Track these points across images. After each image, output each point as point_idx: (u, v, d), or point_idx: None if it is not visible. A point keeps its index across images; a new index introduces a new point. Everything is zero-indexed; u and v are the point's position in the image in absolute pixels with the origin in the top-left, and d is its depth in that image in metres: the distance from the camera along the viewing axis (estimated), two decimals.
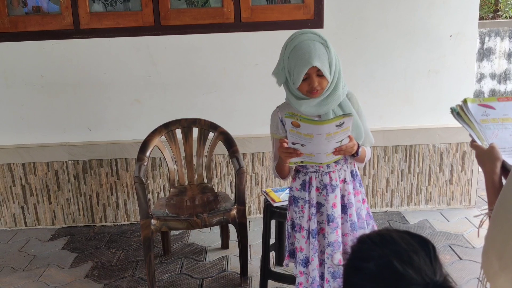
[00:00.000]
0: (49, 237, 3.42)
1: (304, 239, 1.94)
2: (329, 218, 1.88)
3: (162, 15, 3.24)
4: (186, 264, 2.97)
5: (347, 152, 1.78)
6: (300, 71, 1.72)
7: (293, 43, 1.77)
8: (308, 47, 1.72)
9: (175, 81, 3.37)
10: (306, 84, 1.76)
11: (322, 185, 1.89)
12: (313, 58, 1.71)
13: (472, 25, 3.38)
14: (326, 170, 1.88)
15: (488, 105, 1.39)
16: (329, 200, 1.88)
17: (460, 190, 3.62)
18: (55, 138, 3.44)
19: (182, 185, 3.05)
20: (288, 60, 1.77)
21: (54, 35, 3.26)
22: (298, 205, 1.95)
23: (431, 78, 3.44)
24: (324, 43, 1.75)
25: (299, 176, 1.95)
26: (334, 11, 3.29)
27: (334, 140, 1.70)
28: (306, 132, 1.65)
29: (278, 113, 1.93)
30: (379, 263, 0.82)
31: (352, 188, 1.93)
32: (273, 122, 1.95)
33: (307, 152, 1.73)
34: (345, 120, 1.65)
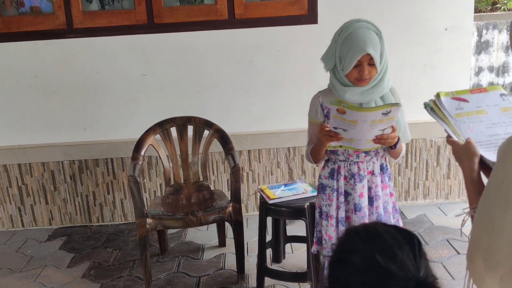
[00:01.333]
0: (46, 237, 3.41)
1: (333, 227, 1.98)
2: (356, 207, 1.93)
3: (155, 13, 3.22)
4: (183, 263, 2.97)
5: (387, 142, 1.79)
6: (353, 57, 1.75)
7: (348, 30, 1.79)
8: (363, 35, 1.75)
9: (170, 79, 3.35)
10: (356, 71, 1.79)
11: (350, 174, 1.94)
12: (368, 45, 1.73)
13: (467, 18, 3.36)
14: (355, 160, 1.92)
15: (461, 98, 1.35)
16: (357, 190, 1.92)
17: (458, 184, 3.61)
18: (50, 139, 3.43)
19: (178, 183, 3.04)
20: (341, 46, 1.80)
21: (47, 35, 3.24)
22: (326, 193, 2.00)
23: (427, 72, 3.42)
24: (378, 33, 1.78)
25: (328, 164, 2.00)
26: (329, 6, 3.27)
27: (377, 128, 1.72)
28: (351, 119, 1.68)
29: (319, 97, 1.95)
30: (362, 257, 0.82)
31: (380, 181, 1.96)
32: (313, 106, 1.98)
33: (348, 137, 1.76)
34: (392, 109, 1.66)
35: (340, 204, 1.96)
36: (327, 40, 3.27)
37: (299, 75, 3.37)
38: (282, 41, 3.32)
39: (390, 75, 1.90)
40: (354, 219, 1.94)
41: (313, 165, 2.09)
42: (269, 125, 3.46)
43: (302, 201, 2.45)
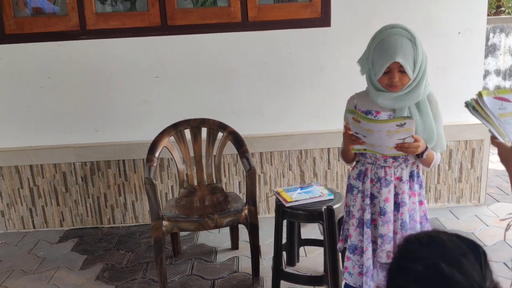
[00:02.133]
0: (57, 239, 3.41)
1: (354, 227, 2.01)
2: (381, 211, 1.93)
3: (168, 15, 3.22)
4: (197, 265, 2.96)
5: (409, 150, 1.78)
6: (382, 64, 1.75)
7: (381, 36, 1.79)
8: (395, 42, 1.74)
9: (183, 81, 3.35)
10: (387, 77, 1.79)
11: (376, 177, 1.94)
12: (397, 53, 1.72)
13: (480, 22, 3.36)
14: (383, 164, 1.92)
15: (504, 98, 1.32)
16: (382, 194, 1.92)
17: (470, 188, 3.60)
18: (62, 140, 3.42)
19: (191, 185, 3.03)
20: (373, 51, 1.81)
21: (60, 36, 3.24)
22: (353, 193, 2.02)
23: (440, 75, 3.41)
24: (412, 40, 1.76)
25: (357, 166, 2.02)
26: (342, 9, 3.27)
27: (396, 137, 1.72)
28: (366, 128, 1.71)
29: (354, 99, 1.98)
30: (426, 265, 0.80)
31: (408, 188, 1.93)
32: (347, 107, 1.99)
33: (370, 142, 1.79)
34: (406, 121, 1.66)
35: (366, 206, 1.96)
36: (340, 43, 3.31)
37: (312, 78, 3.37)
38: (295, 43, 3.32)
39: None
40: (379, 222, 1.95)
41: (346, 165, 2.11)
42: (281, 128, 3.46)
43: (319, 204, 2.44)
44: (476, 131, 3.48)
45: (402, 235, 1.95)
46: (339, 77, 3.35)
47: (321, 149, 3.45)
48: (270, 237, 3.20)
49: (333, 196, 2.51)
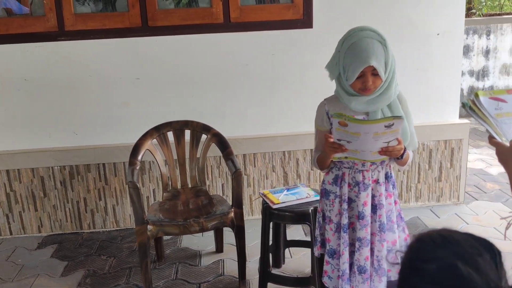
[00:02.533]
0: (36, 245, 3.31)
1: (332, 232, 1.98)
2: (360, 215, 1.91)
3: (149, 16, 3.17)
4: (181, 269, 2.92)
5: (393, 154, 1.76)
6: (355, 69, 1.72)
7: (351, 39, 1.75)
8: (366, 45, 1.72)
9: (164, 82, 3.31)
10: (360, 82, 1.76)
11: (354, 182, 1.91)
12: (370, 57, 1.70)
13: (458, 23, 3.42)
14: (360, 168, 1.89)
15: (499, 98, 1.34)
16: (361, 198, 1.90)
17: (449, 187, 3.66)
18: (40, 144, 3.34)
19: (175, 189, 2.99)
20: (344, 56, 1.77)
21: (38, 38, 3.16)
22: (329, 198, 1.98)
23: (420, 76, 3.47)
24: (382, 42, 1.74)
25: (333, 170, 1.97)
26: (324, 10, 3.28)
27: (381, 140, 1.70)
28: (353, 131, 1.65)
29: (325, 105, 1.93)
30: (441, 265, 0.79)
31: (385, 190, 1.93)
32: (319, 114, 1.96)
33: (352, 148, 1.74)
34: (394, 122, 1.63)
35: (343, 211, 1.93)
36: (322, 44, 3.32)
37: (295, 79, 3.38)
38: (278, 45, 3.31)
39: None
40: (357, 226, 1.93)
41: (320, 171, 2.06)
42: (264, 129, 3.45)
43: (306, 206, 2.44)
44: (455, 131, 3.55)
45: (381, 237, 1.93)
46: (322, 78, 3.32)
47: (304, 150, 3.45)
48: (255, 239, 3.19)
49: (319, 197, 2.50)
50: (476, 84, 6.43)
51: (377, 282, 1.98)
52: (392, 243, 1.98)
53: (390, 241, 1.98)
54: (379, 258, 1.96)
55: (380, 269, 1.97)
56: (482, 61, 6.38)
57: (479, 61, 6.37)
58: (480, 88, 6.44)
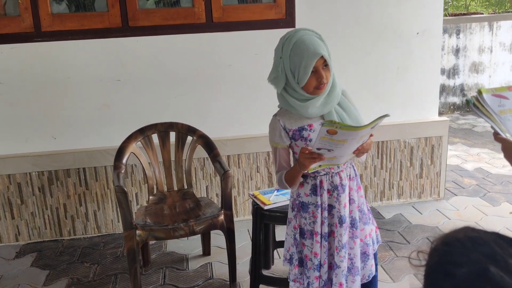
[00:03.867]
0: (14, 254, 3.19)
1: (319, 244, 1.86)
2: (342, 219, 1.83)
3: (130, 16, 3.10)
4: (169, 274, 2.86)
5: (365, 150, 1.74)
6: (308, 64, 1.65)
7: (291, 41, 1.69)
8: (310, 40, 1.68)
9: (146, 83, 3.24)
10: (314, 78, 1.69)
11: (333, 186, 1.84)
12: (318, 48, 1.66)
13: (437, 22, 3.48)
14: (337, 171, 1.83)
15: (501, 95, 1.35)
16: (341, 201, 1.83)
17: (430, 183, 3.72)
18: (17, 149, 3.21)
19: (161, 192, 2.93)
20: (289, 59, 1.69)
21: (12, 39, 3.04)
22: (308, 211, 1.87)
23: (400, 74, 3.51)
24: (320, 37, 1.72)
25: (308, 181, 1.86)
26: (306, 10, 3.28)
27: (361, 141, 1.68)
28: (341, 138, 1.58)
29: (279, 121, 1.81)
30: (473, 269, 0.78)
31: (355, 184, 1.90)
32: (275, 131, 1.83)
33: (331, 155, 1.67)
34: (379, 121, 1.60)
35: (324, 220, 1.85)
36: None
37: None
38: (261, 45, 3.29)
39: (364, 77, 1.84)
40: (340, 232, 1.84)
41: (288, 189, 1.96)
42: (248, 130, 3.42)
43: None
44: (435, 128, 3.61)
45: (353, 233, 1.87)
46: None
47: None
48: (242, 241, 3.17)
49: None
50: (447, 82, 6.57)
51: (351, 282, 1.89)
52: (369, 235, 1.94)
53: (367, 234, 1.92)
54: (351, 256, 1.89)
55: (353, 267, 1.89)
56: (452, 60, 6.53)
57: (449, 59, 6.52)
58: (451, 86, 6.59)
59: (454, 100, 6.67)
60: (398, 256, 2.94)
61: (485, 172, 4.33)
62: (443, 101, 6.60)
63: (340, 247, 1.84)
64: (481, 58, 6.57)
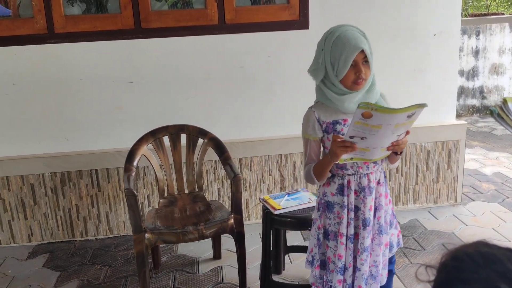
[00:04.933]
0: (26, 255, 3.20)
1: (343, 246, 1.85)
2: (366, 222, 1.83)
3: (142, 18, 3.09)
4: (179, 277, 2.84)
5: (400, 147, 1.69)
6: (348, 57, 1.68)
7: (334, 34, 1.73)
8: (352, 35, 1.70)
9: (158, 86, 3.23)
10: (353, 72, 1.71)
11: (361, 187, 1.83)
12: (359, 43, 1.68)
13: (455, 23, 3.40)
14: (365, 172, 1.82)
15: None
16: (367, 203, 1.82)
17: (447, 188, 3.64)
18: (30, 150, 3.23)
19: (171, 195, 2.91)
20: (330, 51, 1.72)
21: (26, 40, 3.05)
22: (334, 211, 1.86)
23: (417, 76, 3.44)
24: (363, 34, 1.74)
25: (335, 180, 1.86)
26: (320, 11, 3.23)
27: (396, 133, 1.63)
28: (375, 123, 1.55)
29: (315, 112, 1.82)
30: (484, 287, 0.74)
31: (384, 190, 1.88)
32: (309, 123, 1.84)
33: (364, 146, 1.65)
34: (416, 110, 1.56)
35: (350, 221, 1.84)
36: None
37: (291, 80, 3.32)
38: (273, 46, 3.26)
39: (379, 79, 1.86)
40: (363, 235, 1.84)
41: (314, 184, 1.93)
42: (260, 132, 3.38)
43: (308, 211, 2.39)
44: (452, 131, 3.52)
45: (379, 240, 1.87)
46: None
47: (301, 153, 3.40)
48: (253, 245, 3.13)
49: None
50: (466, 84, 6.44)
51: None
52: (385, 245, 1.93)
53: (383, 244, 1.91)
54: (377, 264, 1.88)
55: (377, 275, 1.89)
56: (472, 61, 6.40)
57: (469, 61, 6.39)
58: (470, 88, 6.46)
59: (473, 102, 6.53)
60: (413, 263, 2.87)
61: (504, 176, 4.22)
62: (462, 103, 6.48)
63: (362, 250, 1.84)
64: (502, 60, 6.43)
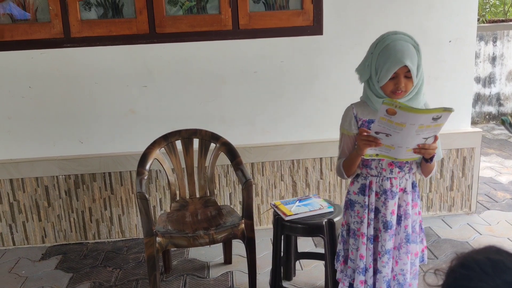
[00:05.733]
0: (40, 256, 3.24)
1: (365, 246, 1.89)
2: (387, 224, 1.85)
3: (157, 23, 3.11)
4: (189, 282, 2.85)
5: (427, 152, 1.70)
6: (390, 68, 1.70)
7: (385, 41, 1.74)
8: (401, 47, 1.71)
9: (172, 90, 3.25)
10: (392, 83, 1.74)
11: (382, 190, 1.86)
12: (405, 57, 1.69)
13: (471, 30, 3.36)
14: (388, 176, 1.85)
15: None
16: (388, 207, 1.85)
17: (461, 196, 3.59)
18: (44, 152, 3.27)
19: (183, 199, 2.92)
20: (377, 57, 1.74)
21: (43, 44, 3.10)
22: (354, 209, 1.93)
23: (431, 83, 3.40)
24: (416, 46, 1.75)
25: (358, 179, 1.92)
26: (334, 17, 3.23)
27: (422, 135, 1.62)
28: (399, 121, 1.57)
29: (353, 109, 1.87)
30: None
31: (411, 200, 1.89)
32: (346, 118, 1.89)
33: (389, 143, 1.67)
34: (443, 114, 1.55)
35: (370, 221, 1.88)
36: (332, 52, 3.27)
37: (304, 86, 3.32)
38: (287, 52, 3.26)
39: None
40: (384, 237, 1.87)
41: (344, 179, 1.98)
42: (272, 137, 3.38)
43: (319, 217, 2.37)
44: (467, 139, 3.48)
45: (406, 248, 1.89)
46: (331, 86, 3.31)
47: (313, 159, 3.39)
48: (264, 250, 3.12)
49: (332, 209, 2.44)
50: (482, 91, 6.37)
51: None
52: (415, 255, 1.94)
53: (413, 253, 1.93)
54: (404, 272, 1.90)
55: (405, 283, 1.90)
56: (488, 68, 6.32)
57: (485, 68, 6.32)
58: (486, 95, 6.38)
59: (490, 110, 6.45)
60: (425, 271, 2.84)
61: None
62: (478, 111, 6.40)
63: (383, 253, 1.86)
64: None
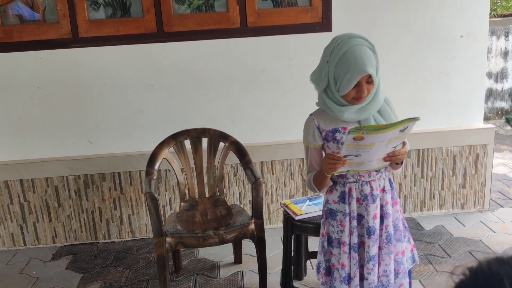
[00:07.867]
0: (50, 256, 3.25)
1: (346, 255, 1.81)
2: (371, 230, 1.78)
3: (165, 22, 3.10)
4: (200, 282, 2.83)
5: (398, 158, 1.68)
6: (351, 79, 1.63)
7: (342, 48, 1.64)
8: (360, 54, 1.63)
9: (180, 89, 3.23)
10: (354, 91, 1.68)
11: (363, 195, 1.79)
12: (366, 65, 1.62)
13: (483, 25, 3.31)
14: (367, 180, 1.78)
15: None
16: (370, 212, 1.78)
17: (474, 194, 3.54)
18: (54, 153, 3.27)
19: (192, 198, 2.91)
20: (335, 66, 1.66)
21: (51, 45, 3.10)
22: (336, 218, 1.83)
23: (443, 79, 3.36)
24: (371, 48, 1.67)
25: (337, 187, 1.83)
26: (343, 13, 3.19)
27: (391, 146, 1.61)
28: (368, 143, 1.54)
29: (314, 120, 1.80)
30: None
31: (391, 198, 1.83)
32: (309, 131, 1.82)
33: (359, 161, 1.63)
34: (409, 124, 1.54)
35: (353, 229, 1.80)
36: None
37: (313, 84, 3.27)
38: (295, 49, 3.22)
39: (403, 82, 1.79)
40: (369, 244, 1.79)
41: (316, 193, 1.92)
42: (282, 136, 3.35)
43: None
44: (480, 135, 3.43)
45: (388, 249, 1.81)
46: None
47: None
48: (274, 250, 3.10)
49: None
50: (494, 86, 6.28)
51: None
52: (402, 253, 1.87)
53: (399, 251, 1.86)
54: (387, 273, 1.83)
55: (389, 284, 1.83)
56: (500, 63, 6.24)
57: (497, 62, 6.23)
58: (499, 90, 6.29)
59: (502, 105, 6.36)
60: (438, 270, 2.80)
61: None
62: (490, 106, 6.32)
63: (368, 259, 1.80)
64: None
